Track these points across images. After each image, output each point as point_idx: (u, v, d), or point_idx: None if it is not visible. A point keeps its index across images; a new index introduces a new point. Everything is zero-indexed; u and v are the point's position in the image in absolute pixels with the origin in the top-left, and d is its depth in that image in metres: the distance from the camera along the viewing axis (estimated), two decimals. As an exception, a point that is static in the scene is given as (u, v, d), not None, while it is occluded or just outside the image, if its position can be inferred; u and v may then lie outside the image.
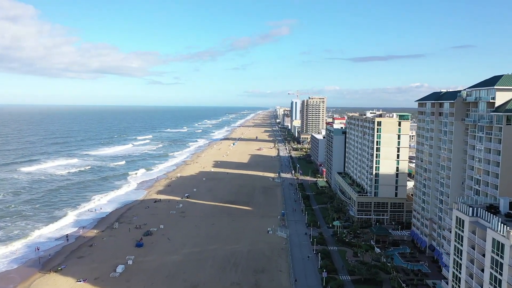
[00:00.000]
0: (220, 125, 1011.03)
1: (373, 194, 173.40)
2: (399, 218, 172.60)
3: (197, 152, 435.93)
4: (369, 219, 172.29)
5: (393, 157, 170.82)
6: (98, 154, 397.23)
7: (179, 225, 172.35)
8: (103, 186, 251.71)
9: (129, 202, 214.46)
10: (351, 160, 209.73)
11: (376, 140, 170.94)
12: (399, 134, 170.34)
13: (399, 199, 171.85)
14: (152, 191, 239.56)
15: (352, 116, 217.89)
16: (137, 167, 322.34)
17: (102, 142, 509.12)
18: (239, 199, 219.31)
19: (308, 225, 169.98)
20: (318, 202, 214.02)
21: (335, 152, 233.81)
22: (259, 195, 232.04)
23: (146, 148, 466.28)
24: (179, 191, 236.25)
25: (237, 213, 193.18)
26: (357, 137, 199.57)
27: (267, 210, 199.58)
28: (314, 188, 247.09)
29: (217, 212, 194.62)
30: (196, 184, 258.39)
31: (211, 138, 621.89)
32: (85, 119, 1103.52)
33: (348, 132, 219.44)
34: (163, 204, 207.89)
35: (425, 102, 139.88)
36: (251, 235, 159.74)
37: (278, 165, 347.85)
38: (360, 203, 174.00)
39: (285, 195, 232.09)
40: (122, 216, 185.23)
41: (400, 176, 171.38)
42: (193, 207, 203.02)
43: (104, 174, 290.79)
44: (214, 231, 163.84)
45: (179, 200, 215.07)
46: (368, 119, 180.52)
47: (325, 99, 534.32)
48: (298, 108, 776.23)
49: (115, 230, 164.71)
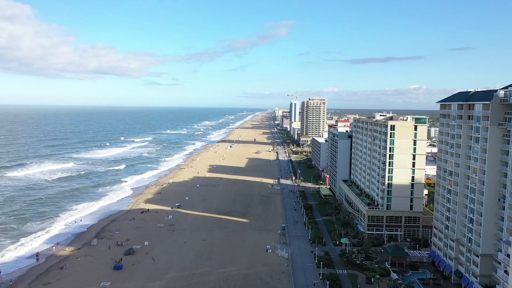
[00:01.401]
0: (218, 126, 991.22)
1: (385, 207, 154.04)
2: (415, 234, 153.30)
3: (192, 155, 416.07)
4: (380, 236, 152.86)
5: (408, 166, 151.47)
6: (90, 157, 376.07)
7: (166, 241, 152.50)
8: (88, 194, 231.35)
9: (114, 212, 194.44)
10: (358, 167, 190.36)
11: (389, 146, 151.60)
12: (415, 140, 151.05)
13: (414, 212, 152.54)
14: (141, 199, 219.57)
15: (360, 118, 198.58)
16: (128, 173, 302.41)
17: (97, 144, 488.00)
18: (235, 210, 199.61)
19: (312, 241, 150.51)
20: (321, 213, 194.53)
21: (340, 158, 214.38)
22: (257, 204, 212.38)
23: (141, 150, 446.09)
24: (169, 200, 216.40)
25: (232, 226, 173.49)
26: (365, 142, 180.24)
27: (265, 222, 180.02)
28: (317, 197, 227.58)
29: (210, 225, 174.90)
30: (189, 192, 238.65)
31: (208, 140, 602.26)
32: (82, 120, 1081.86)
33: (354, 136, 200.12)
34: (150, 215, 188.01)
35: (450, 103, 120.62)
36: (248, 255, 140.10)
37: (277, 170, 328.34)
38: (371, 217, 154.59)
39: (286, 204, 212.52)
40: (103, 230, 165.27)
41: (416, 186, 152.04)
42: (184, 218, 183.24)
43: (91, 180, 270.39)
44: (206, 249, 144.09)
45: (169, 211, 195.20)
46: (380, 122, 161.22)
47: (326, 100, 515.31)
48: (297, 109, 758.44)
49: (93, 247, 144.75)
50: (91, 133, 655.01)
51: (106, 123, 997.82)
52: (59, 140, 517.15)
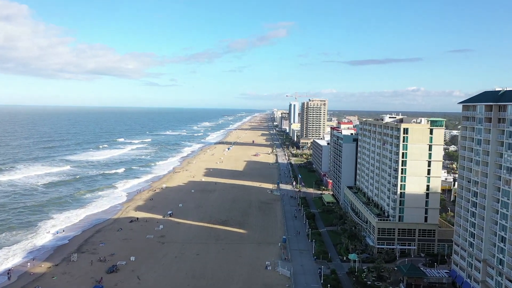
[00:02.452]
0: (216, 127, 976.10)
1: (397, 218, 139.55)
2: (430, 248, 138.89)
3: (188, 158, 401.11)
4: (392, 250, 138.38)
5: (422, 173, 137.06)
6: (85, 160, 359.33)
7: (155, 256, 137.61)
8: (76, 201, 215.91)
9: (100, 221, 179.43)
10: (365, 173, 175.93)
11: (402, 152, 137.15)
12: (430, 144, 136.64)
13: (429, 225, 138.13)
14: (131, 206, 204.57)
15: (367, 121, 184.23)
16: (121, 177, 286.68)
17: (94, 146, 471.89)
18: (232, 218, 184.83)
19: (317, 257, 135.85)
20: (325, 222, 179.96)
21: (345, 163, 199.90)
22: (255, 212, 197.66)
23: (138, 152, 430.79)
24: (161, 207, 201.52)
25: (228, 238, 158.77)
26: (373, 147, 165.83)
27: (265, 233, 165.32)
28: (319, 204, 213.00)
29: (205, 236, 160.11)
30: (183, 198, 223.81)
31: (205, 142, 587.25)
32: (80, 121, 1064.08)
33: (361, 140, 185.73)
34: (140, 224, 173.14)
35: (475, 104, 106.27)
36: (245, 272, 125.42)
37: (277, 174, 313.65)
38: (381, 230, 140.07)
39: (286, 212, 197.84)
40: (86, 243, 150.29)
41: (431, 196, 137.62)
42: (176, 229, 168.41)
43: (81, 185, 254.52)
44: (199, 266, 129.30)
45: (160, 220, 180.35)
46: (391, 125, 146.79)
47: (326, 102, 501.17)
48: (296, 111, 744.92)
49: (72, 264, 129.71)
50: (89, 134, 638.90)
51: (105, 124, 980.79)
52: (55, 142, 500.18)
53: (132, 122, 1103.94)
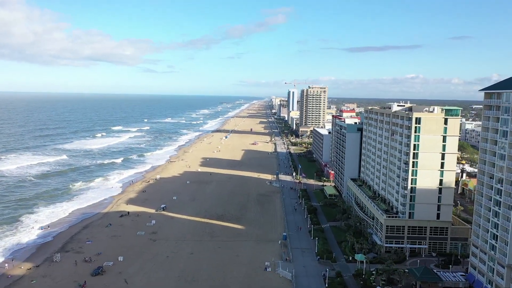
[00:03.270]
0: (214, 115, 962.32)
1: (406, 215, 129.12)
2: (442, 247, 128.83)
3: (184, 147, 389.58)
4: (401, 249, 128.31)
5: (435, 166, 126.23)
6: (79, 149, 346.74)
7: (145, 255, 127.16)
8: (66, 193, 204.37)
9: (89, 216, 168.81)
10: (371, 165, 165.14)
11: (414, 143, 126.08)
12: (444, 136, 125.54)
13: (442, 222, 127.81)
14: (122, 199, 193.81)
15: (373, 109, 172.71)
16: (115, 167, 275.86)
17: (91, 134, 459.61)
18: (229, 213, 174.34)
19: (320, 256, 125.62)
20: (328, 217, 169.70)
21: (348, 154, 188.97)
22: (253, 206, 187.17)
23: (134, 141, 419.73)
24: (154, 200, 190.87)
25: (225, 234, 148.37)
26: (380, 137, 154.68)
27: (264, 229, 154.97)
28: (321, 197, 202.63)
29: (199, 232, 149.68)
30: (177, 190, 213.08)
31: (202, 130, 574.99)
32: (78, 108, 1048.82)
33: (366, 130, 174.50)
34: (130, 220, 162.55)
35: (500, 92, 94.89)
36: (243, 275, 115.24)
37: (276, 163, 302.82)
38: (390, 227, 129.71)
39: (286, 205, 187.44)
40: (72, 240, 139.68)
41: (444, 192, 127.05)
42: (169, 224, 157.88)
43: (72, 176, 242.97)
44: (192, 268, 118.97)
45: (153, 214, 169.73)
46: (401, 114, 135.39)
47: (326, 89, 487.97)
48: (295, 98, 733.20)
49: (55, 265, 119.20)
50: (86, 122, 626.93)
51: (103, 111, 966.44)
52: (51, 130, 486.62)
53: (130, 110, 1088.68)
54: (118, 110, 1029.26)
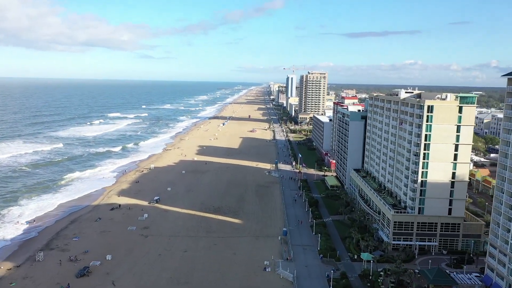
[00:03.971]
0: (211, 101, 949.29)
1: (416, 210, 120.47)
2: (453, 245, 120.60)
3: (181, 134, 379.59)
4: (409, 247, 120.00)
5: (448, 158, 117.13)
6: (73, 136, 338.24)
7: (135, 253, 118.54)
8: (55, 183, 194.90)
9: (78, 209, 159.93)
10: (376, 156, 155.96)
11: (425, 133, 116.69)
12: (458, 125, 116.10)
13: (454, 218, 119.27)
14: (114, 190, 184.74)
15: (378, 96, 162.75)
16: (109, 156, 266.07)
17: (85, 121, 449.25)
18: (226, 205, 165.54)
19: (323, 255, 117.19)
20: (330, 210, 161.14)
21: (352, 143, 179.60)
22: (252, 197, 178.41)
23: (129, 128, 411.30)
24: (148, 191, 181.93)
25: (221, 229, 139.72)
26: (387, 126, 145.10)
27: (263, 224, 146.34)
28: (322, 188, 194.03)
29: (194, 227, 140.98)
30: (172, 180, 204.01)
31: (199, 117, 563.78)
32: (74, 94, 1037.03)
33: (371, 118, 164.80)
34: (121, 213, 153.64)
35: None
36: (240, 276, 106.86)
37: (275, 152, 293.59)
38: (398, 223, 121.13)
39: (286, 197, 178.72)
40: (58, 236, 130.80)
41: (457, 186, 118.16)
42: (162, 218, 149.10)
43: (64, 165, 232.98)
44: (186, 267, 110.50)
45: (145, 207, 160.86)
46: (411, 101, 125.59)
47: (326, 75, 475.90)
48: (294, 84, 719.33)
49: (37, 264, 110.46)
50: (84, 109, 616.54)
51: (100, 97, 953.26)
52: (47, 117, 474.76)
53: (128, 96, 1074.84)
54: (115, 96, 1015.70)
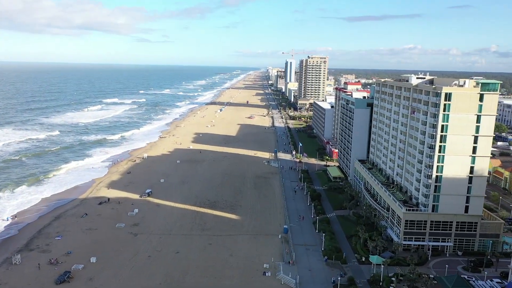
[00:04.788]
0: (209, 86, 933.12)
1: (429, 207, 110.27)
2: (469, 245, 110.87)
3: (176, 121, 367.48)
4: (421, 248, 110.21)
5: (466, 151, 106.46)
6: (68, 123, 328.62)
7: (123, 255, 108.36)
8: (42, 174, 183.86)
9: (64, 203, 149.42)
10: (383, 146, 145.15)
11: (442, 124, 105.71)
12: (479, 115, 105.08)
13: (471, 216, 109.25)
14: (103, 182, 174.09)
15: (386, 82, 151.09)
16: (100, 144, 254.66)
17: (81, 107, 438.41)
18: (222, 199, 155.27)
19: (328, 257, 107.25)
20: (334, 204, 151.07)
21: (356, 132, 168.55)
22: (250, 190, 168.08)
23: (125, 114, 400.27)
24: (139, 183, 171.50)
25: (217, 226, 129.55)
26: (396, 115, 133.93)
27: (262, 220, 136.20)
28: (324, 179, 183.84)
29: (188, 224, 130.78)
30: (166, 170, 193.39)
31: (196, 102, 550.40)
32: (71, 78, 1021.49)
33: (378, 105, 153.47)
34: (110, 207, 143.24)
35: None
36: (237, 281, 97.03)
37: (274, 140, 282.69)
38: (409, 222, 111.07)
39: (286, 190, 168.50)
40: (39, 235, 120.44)
41: (475, 181, 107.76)
42: (154, 214, 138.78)
43: (53, 154, 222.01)
44: (178, 271, 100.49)
45: (136, 201, 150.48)
46: (425, 88, 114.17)
47: (326, 59, 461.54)
48: (293, 69, 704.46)
49: (14, 268, 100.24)
50: (80, 94, 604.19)
51: (97, 82, 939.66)
52: (42, 102, 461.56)
53: (126, 80, 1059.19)
54: (113, 81, 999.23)
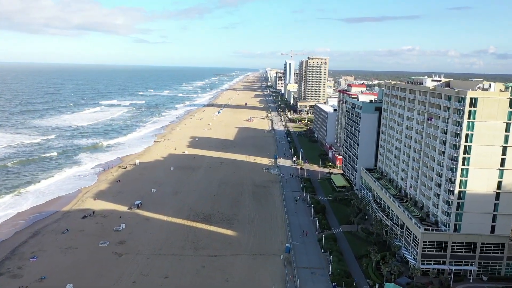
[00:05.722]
0: (206, 87, 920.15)
1: (451, 227, 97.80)
2: (495, 269, 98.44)
3: (172, 124, 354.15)
4: (442, 272, 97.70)
5: (494, 164, 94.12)
6: (59, 126, 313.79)
7: (104, 281, 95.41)
8: (25, 184, 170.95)
9: (45, 216, 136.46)
10: (394, 155, 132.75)
11: (466, 133, 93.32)
12: (508, 123, 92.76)
13: (497, 237, 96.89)
14: (90, 192, 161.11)
15: (396, 84, 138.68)
16: (91, 149, 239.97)
17: (77, 109, 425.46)
18: (218, 212, 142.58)
19: (337, 283, 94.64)
20: (339, 217, 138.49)
21: (363, 138, 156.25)
22: (248, 201, 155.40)
23: (122, 116, 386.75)
24: (129, 193, 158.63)
25: (212, 244, 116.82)
26: (410, 121, 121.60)
27: (261, 237, 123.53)
28: (328, 189, 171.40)
29: (180, 242, 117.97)
30: (159, 179, 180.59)
31: (193, 104, 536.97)
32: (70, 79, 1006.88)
33: (387, 110, 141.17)
34: (95, 222, 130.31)
35: None
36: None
37: (273, 144, 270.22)
38: (428, 243, 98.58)
39: (287, 202, 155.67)
40: (12, 255, 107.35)
41: (503, 197, 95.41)
42: (142, 229, 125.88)
43: (39, 161, 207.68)
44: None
45: (124, 214, 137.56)
46: (446, 92, 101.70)
47: (327, 60, 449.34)
48: (292, 70, 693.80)
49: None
50: (79, 95, 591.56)
51: (96, 83, 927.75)
52: (39, 105, 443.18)
53: (125, 81, 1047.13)
54: (111, 82, 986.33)
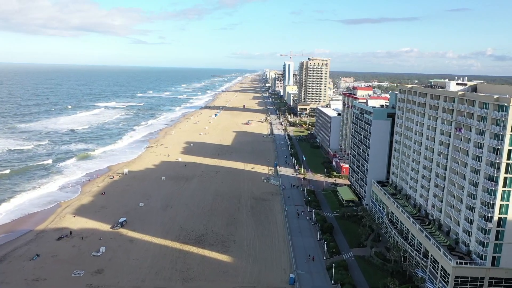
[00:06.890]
0: (204, 89, 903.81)
1: (489, 260, 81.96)
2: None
3: (166, 128, 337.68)
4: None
5: (541, 186, 78.38)
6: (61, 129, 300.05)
7: (72, 325, 79.32)
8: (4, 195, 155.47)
9: (13, 237, 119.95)
10: (411, 168, 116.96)
11: (509, 149, 77.58)
12: (559, 136, 77.02)
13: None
14: (70, 207, 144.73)
15: (413, 88, 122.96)
16: (79, 156, 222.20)
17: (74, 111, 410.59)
18: (212, 231, 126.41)
19: (352, 328, 78.69)
20: (349, 238, 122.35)
21: (374, 148, 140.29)
22: (246, 218, 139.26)
23: (116, 120, 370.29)
24: (113, 208, 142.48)
25: (204, 273, 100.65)
26: (432, 130, 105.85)
27: (261, 263, 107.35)
28: (334, 202, 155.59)
29: (166, 271, 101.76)
30: (148, 191, 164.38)
31: (190, 107, 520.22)
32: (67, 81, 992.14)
33: (402, 117, 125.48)
34: (71, 244, 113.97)
35: None
36: None
37: (273, 150, 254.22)
38: (461, 279, 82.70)
39: (290, 218, 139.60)
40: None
41: (552, 225, 79.67)
42: (125, 254, 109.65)
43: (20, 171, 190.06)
44: None
45: (105, 234, 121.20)
46: (480, 99, 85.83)
47: (328, 61, 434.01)
48: (291, 71, 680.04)
49: None
50: (77, 97, 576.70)
51: (94, 84, 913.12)
52: (30, 107, 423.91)
53: (125, 82, 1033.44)
54: (110, 83, 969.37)
